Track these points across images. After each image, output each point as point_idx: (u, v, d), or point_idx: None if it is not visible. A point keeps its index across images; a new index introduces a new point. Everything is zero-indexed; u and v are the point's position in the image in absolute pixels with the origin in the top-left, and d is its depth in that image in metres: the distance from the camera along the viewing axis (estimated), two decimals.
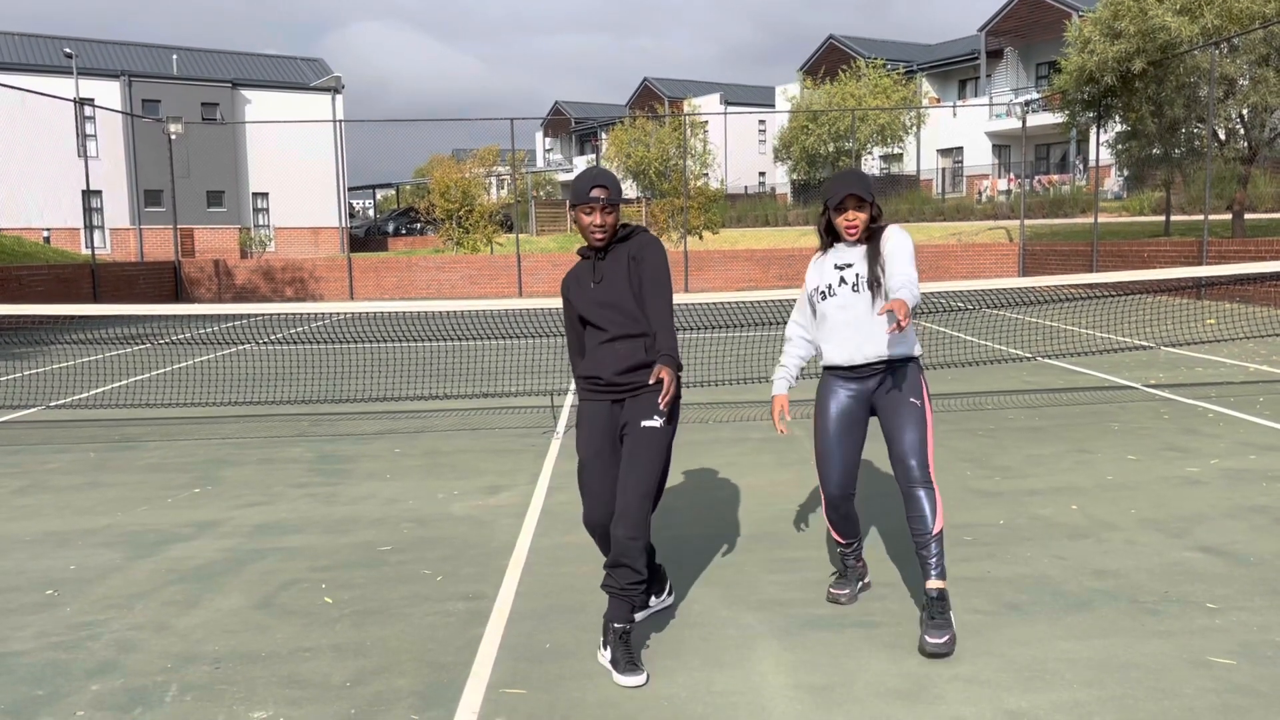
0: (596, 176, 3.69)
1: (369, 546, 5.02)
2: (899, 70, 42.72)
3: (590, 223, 3.68)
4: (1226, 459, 6.43)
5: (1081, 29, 21.63)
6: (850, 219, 3.82)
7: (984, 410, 8.36)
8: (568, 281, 3.87)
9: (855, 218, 3.82)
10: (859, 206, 3.81)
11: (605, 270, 3.73)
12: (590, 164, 54.52)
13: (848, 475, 3.95)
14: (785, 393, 4.09)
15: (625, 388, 3.69)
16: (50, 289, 20.61)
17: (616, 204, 3.69)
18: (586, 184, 3.68)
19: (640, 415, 3.64)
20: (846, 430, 3.92)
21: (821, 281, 3.94)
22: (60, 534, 5.37)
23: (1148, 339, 12.71)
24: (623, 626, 3.52)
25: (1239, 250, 17.95)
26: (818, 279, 3.98)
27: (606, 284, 3.72)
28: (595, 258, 3.76)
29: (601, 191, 3.64)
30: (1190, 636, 3.68)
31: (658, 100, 59.35)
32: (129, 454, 7.45)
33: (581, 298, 3.77)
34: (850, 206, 3.82)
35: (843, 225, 3.85)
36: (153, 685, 3.47)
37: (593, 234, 3.70)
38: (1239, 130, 20.56)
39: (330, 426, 8.41)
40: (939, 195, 43.87)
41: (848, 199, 3.81)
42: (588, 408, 3.78)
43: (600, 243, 3.72)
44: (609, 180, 3.69)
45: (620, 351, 3.68)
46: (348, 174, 29.70)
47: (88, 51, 41.45)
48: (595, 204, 3.65)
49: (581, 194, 3.68)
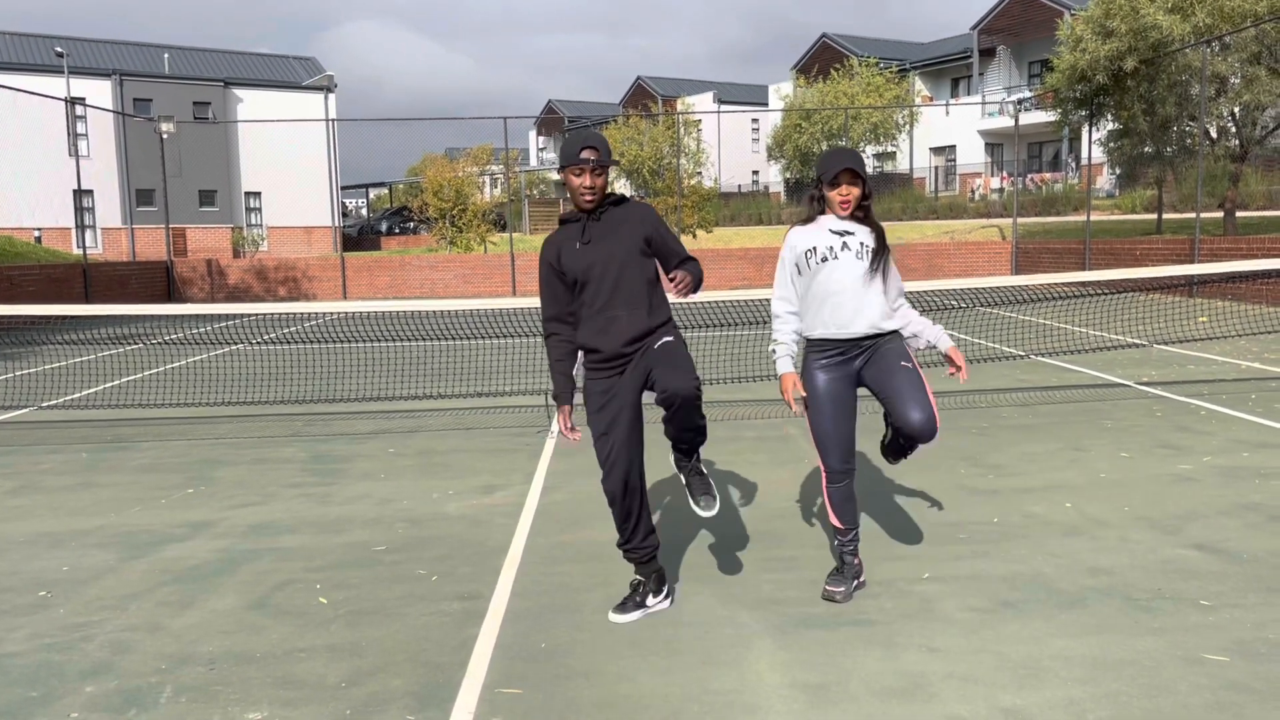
0: (587, 138, 3.68)
1: (363, 546, 5.02)
2: (892, 69, 42.76)
3: (580, 184, 3.68)
4: (1219, 456, 6.45)
5: (1073, 27, 21.69)
6: (844, 193, 3.90)
7: (977, 408, 8.37)
8: (551, 246, 3.79)
9: (849, 192, 3.90)
10: (853, 181, 3.89)
11: (596, 233, 3.72)
12: None
13: (848, 448, 4.01)
14: (792, 369, 4.08)
15: (629, 357, 3.73)
16: (42, 289, 20.53)
17: (606, 165, 3.68)
18: (576, 145, 3.67)
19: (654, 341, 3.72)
20: (840, 410, 3.98)
21: (819, 243, 3.93)
22: (53, 535, 5.35)
23: (1140, 337, 12.74)
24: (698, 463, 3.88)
25: (1231, 248, 18.00)
26: (810, 241, 3.95)
27: (599, 246, 3.70)
28: (586, 219, 3.74)
29: (591, 153, 3.65)
30: (1184, 633, 3.69)
31: (651, 99, 59.32)
32: (122, 454, 7.42)
33: (573, 259, 3.71)
34: (844, 181, 3.89)
35: (836, 199, 3.91)
36: (147, 686, 3.46)
37: (582, 195, 3.69)
38: (1230, 128, 20.63)
39: (324, 426, 8.39)
40: (932, 194, 43.93)
41: (842, 174, 3.88)
42: (598, 384, 3.76)
43: (589, 205, 3.70)
44: (599, 142, 3.68)
45: (623, 322, 3.70)
46: (341, 173, 29.61)
47: (79, 50, 41.30)
48: (585, 165, 3.65)
49: (571, 155, 3.67)
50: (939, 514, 5.32)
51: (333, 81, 44.40)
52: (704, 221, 32.72)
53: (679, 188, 30.44)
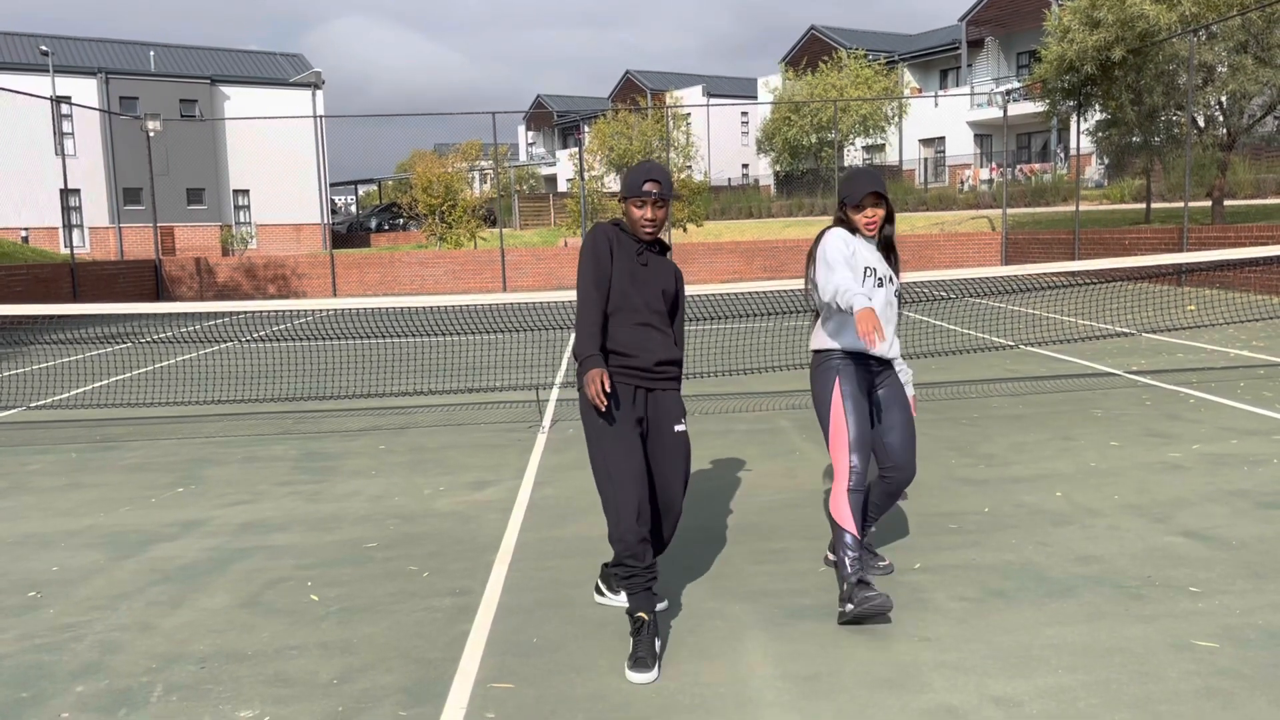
0: (650, 170, 3.71)
1: (355, 544, 5.01)
2: (880, 61, 42.77)
3: (641, 216, 3.70)
4: (1208, 444, 6.47)
5: (1061, 18, 21.72)
6: (870, 215, 3.96)
7: (968, 399, 8.39)
8: (609, 241, 3.71)
9: (875, 214, 3.97)
10: (877, 204, 3.96)
11: (650, 260, 3.78)
12: (573, 158, 54.32)
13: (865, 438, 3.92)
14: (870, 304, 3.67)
15: (658, 377, 3.76)
16: (29, 289, 20.43)
17: (668, 199, 3.73)
18: (640, 178, 3.70)
19: (669, 419, 3.77)
20: (866, 412, 3.98)
21: (875, 264, 4.00)
22: (42, 535, 5.33)
23: (1129, 326, 12.78)
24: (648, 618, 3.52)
25: (1218, 237, 18.07)
26: (866, 258, 3.98)
27: (652, 273, 3.77)
28: (640, 246, 3.77)
29: (654, 186, 3.68)
30: (1173, 620, 3.70)
31: (640, 93, 59.24)
32: (111, 454, 7.40)
33: (627, 269, 3.73)
34: (869, 204, 3.96)
35: (862, 222, 3.97)
36: (138, 686, 3.45)
37: (643, 227, 3.72)
38: (1218, 117, 20.69)
39: (314, 424, 8.37)
40: (921, 185, 43.97)
41: (868, 197, 3.95)
42: (623, 393, 3.70)
43: (649, 237, 3.75)
44: (662, 175, 3.71)
45: (657, 339, 3.75)
46: (329, 170, 29.53)
47: (64, 49, 41.06)
48: (648, 198, 3.67)
49: (635, 187, 3.69)
50: (930, 504, 5.33)
51: (320, 78, 44.23)
52: (694, 215, 32.72)
53: (673, 184, 30.37)
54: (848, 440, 3.88)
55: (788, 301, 17.95)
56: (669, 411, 3.77)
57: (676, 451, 3.78)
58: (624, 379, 3.72)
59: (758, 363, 10.60)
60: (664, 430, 3.76)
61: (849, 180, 4.00)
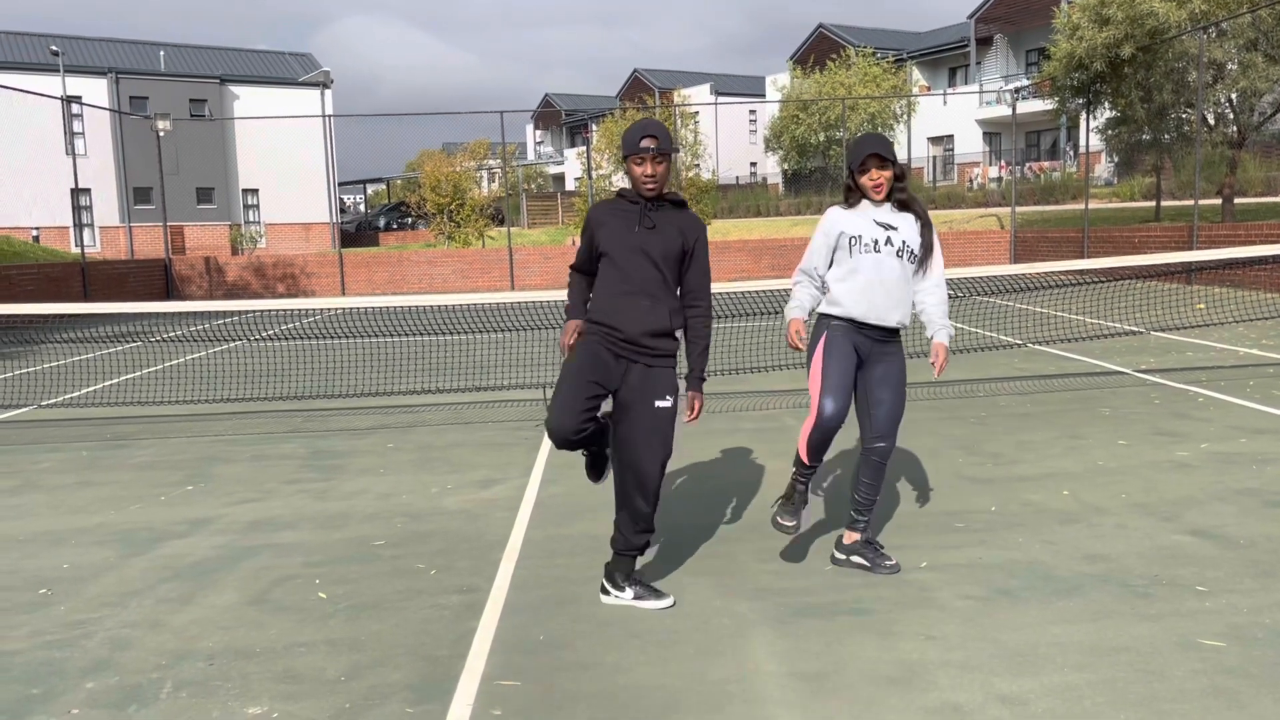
0: (646, 126, 3.73)
1: (363, 541, 5.03)
2: (889, 59, 42.68)
3: (642, 173, 3.74)
4: (1216, 443, 6.46)
5: (1070, 15, 21.64)
6: (874, 178, 3.97)
7: (975, 397, 8.38)
8: (600, 216, 3.82)
9: (879, 176, 3.97)
10: (881, 165, 3.97)
11: (656, 221, 3.77)
12: (581, 156, 54.31)
13: (846, 399, 4.02)
14: (802, 317, 4.10)
15: (642, 351, 3.74)
16: (40, 288, 20.53)
17: (668, 153, 3.73)
18: (637, 134, 3.73)
19: (653, 393, 3.75)
20: (850, 367, 4.03)
21: (865, 231, 4.00)
22: (53, 533, 5.36)
23: (1138, 324, 12.74)
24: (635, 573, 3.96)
25: (1229, 235, 18.00)
26: (858, 228, 4.02)
27: (650, 234, 3.75)
28: (643, 206, 3.77)
29: (652, 141, 3.71)
30: (1180, 619, 3.70)
31: (648, 91, 59.21)
32: (121, 452, 7.43)
33: (617, 239, 3.75)
34: (873, 166, 3.97)
35: (868, 185, 3.99)
36: (147, 682, 3.48)
37: (644, 184, 3.75)
38: (1228, 115, 20.60)
39: (323, 422, 8.40)
40: (930, 183, 43.86)
41: (869, 159, 3.96)
42: (593, 348, 3.76)
43: (652, 193, 3.76)
44: (659, 130, 3.74)
45: (644, 307, 3.73)
46: (338, 169, 29.59)
47: (74, 49, 41.20)
48: (647, 154, 3.70)
49: (633, 144, 3.73)
50: (936, 503, 5.33)
51: (329, 77, 44.31)
52: (702, 214, 32.68)
53: (676, 180, 30.39)
54: (820, 384, 4.01)
55: None
56: (654, 387, 3.75)
57: (654, 427, 3.75)
58: (604, 344, 3.77)
59: (765, 361, 10.60)
60: (646, 404, 3.75)
61: (853, 145, 4.03)
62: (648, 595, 3.97)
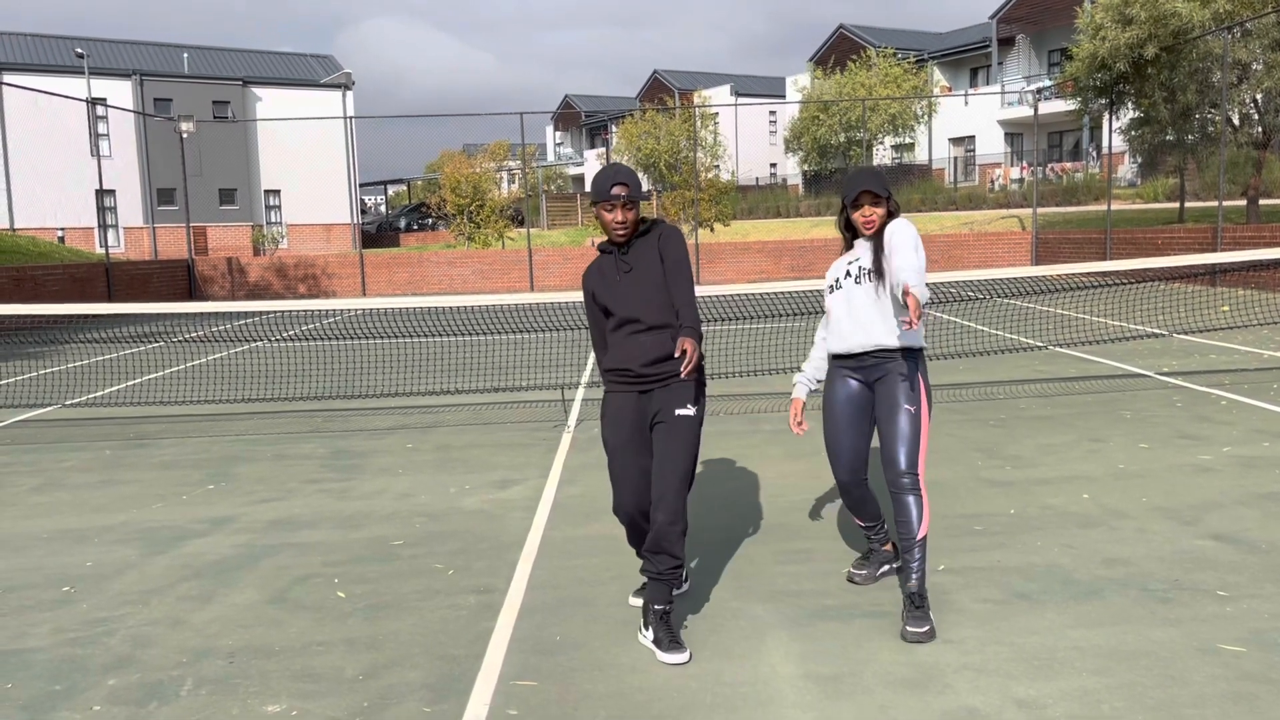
0: (616, 174, 3.74)
1: (381, 541, 5.06)
2: (910, 59, 42.51)
3: (612, 219, 3.74)
4: (1239, 446, 6.40)
5: (1093, 15, 21.49)
6: (867, 214, 3.94)
7: (996, 400, 8.34)
8: (590, 275, 3.90)
9: (871, 213, 3.93)
10: (874, 202, 3.94)
11: (632, 262, 3.79)
12: (601, 157, 54.39)
13: (857, 460, 4.05)
14: (803, 397, 4.22)
15: (653, 378, 3.75)
16: (65, 288, 20.74)
17: (637, 200, 3.76)
18: (607, 182, 3.73)
19: (672, 404, 3.73)
20: (853, 417, 4.02)
21: (837, 274, 4.07)
22: (77, 531, 5.42)
23: (1161, 327, 12.64)
24: (663, 608, 3.63)
25: (1253, 236, 17.82)
26: (833, 274, 4.10)
27: (635, 277, 3.77)
28: (618, 253, 3.80)
29: (622, 189, 3.71)
30: (1200, 624, 3.67)
31: (668, 92, 59.20)
32: (144, 451, 7.51)
33: (607, 291, 3.80)
34: (866, 203, 3.94)
35: (860, 221, 3.97)
36: (168, 680, 3.51)
37: (615, 230, 3.76)
38: (1253, 115, 20.40)
39: (343, 422, 8.45)
40: (951, 184, 43.64)
41: (863, 195, 3.93)
42: (615, 399, 3.82)
43: (622, 239, 3.79)
44: (629, 178, 3.74)
45: (647, 343, 3.74)
46: (359, 170, 29.75)
47: (99, 51, 41.62)
48: (617, 201, 3.71)
49: (603, 191, 3.73)
50: (955, 505, 5.31)
51: (350, 79, 44.58)
52: (721, 215, 32.66)
53: (696, 181, 30.39)
54: (828, 451, 4.10)
55: (815, 302, 17.89)
56: (671, 399, 3.75)
57: (672, 432, 3.70)
58: (618, 388, 3.82)
59: (784, 363, 10.58)
60: (667, 416, 3.75)
61: (847, 180, 4.01)
62: (665, 642, 3.58)
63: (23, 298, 18.96)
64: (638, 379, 3.76)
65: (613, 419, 3.83)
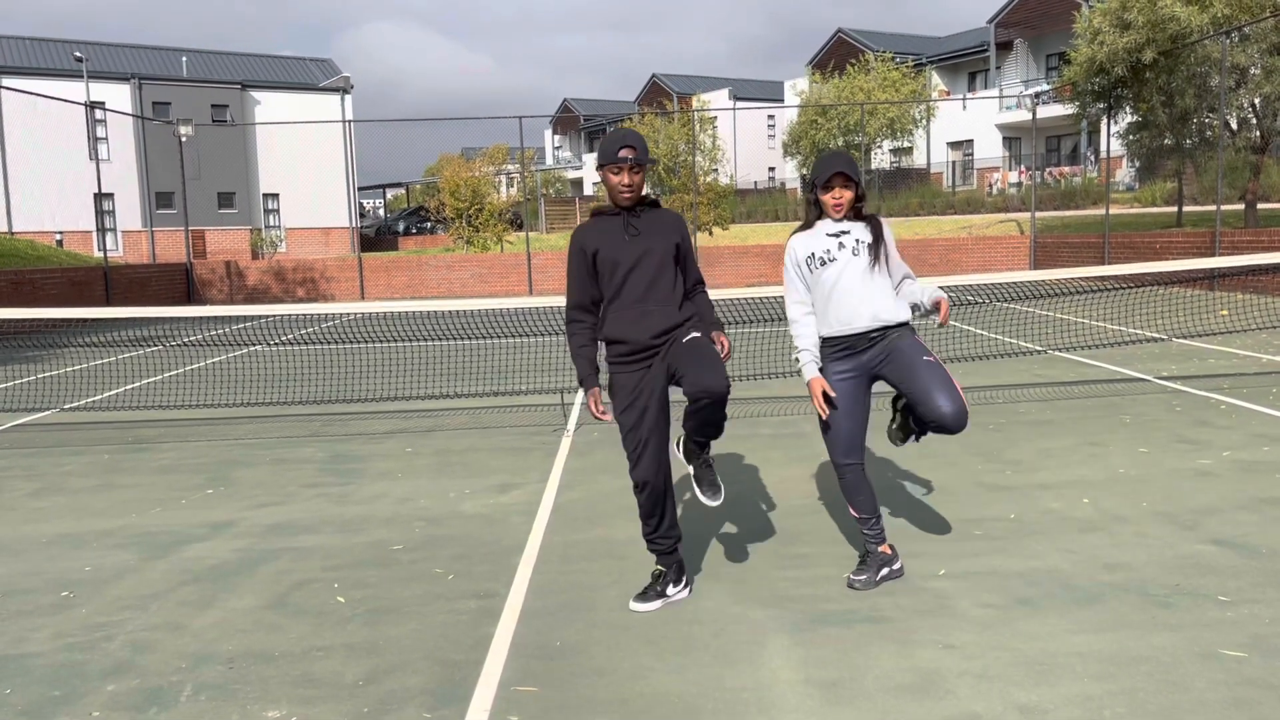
0: (624, 137, 3.77)
1: (381, 545, 5.05)
2: (908, 63, 42.54)
3: (618, 182, 3.77)
4: (1239, 451, 6.40)
5: (1091, 20, 21.53)
6: (837, 196, 4.04)
7: (995, 404, 8.34)
8: (587, 232, 3.85)
9: (842, 195, 4.04)
10: (845, 185, 4.03)
11: (640, 229, 3.81)
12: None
13: (854, 442, 4.13)
14: (819, 374, 4.17)
15: (660, 345, 3.81)
16: (63, 292, 20.73)
17: (644, 163, 3.77)
18: (615, 144, 3.76)
19: (682, 338, 3.80)
20: (849, 406, 4.09)
21: (817, 248, 4.08)
22: (75, 536, 5.41)
23: (1160, 331, 12.65)
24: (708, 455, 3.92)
25: (1252, 241, 17.84)
26: (811, 246, 4.10)
27: (644, 245, 3.80)
28: (626, 214, 3.80)
29: (629, 151, 3.75)
30: (1201, 629, 3.67)
31: (666, 96, 59.24)
32: (142, 455, 7.50)
33: (614, 249, 3.78)
34: (837, 184, 4.04)
35: (829, 202, 4.06)
36: (168, 685, 3.50)
37: (621, 193, 3.79)
38: (1251, 119, 20.43)
39: (342, 426, 8.45)
40: (949, 188, 43.70)
41: (835, 177, 4.03)
42: (625, 380, 3.83)
43: (628, 201, 3.80)
44: (636, 141, 3.77)
45: (655, 315, 3.79)
46: (358, 174, 29.75)
47: (98, 55, 41.63)
48: (624, 163, 3.73)
49: (610, 154, 3.76)
50: (955, 510, 5.31)
51: (349, 83, 44.60)
52: (720, 218, 32.68)
53: (695, 185, 30.41)
54: (825, 435, 4.15)
55: None
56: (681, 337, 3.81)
57: (691, 347, 3.74)
58: (627, 366, 3.80)
59: (783, 367, 10.57)
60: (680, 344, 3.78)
61: (820, 161, 4.10)
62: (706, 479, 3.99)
63: (21, 301, 18.94)
64: (644, 351, 3.78)
65: (627, 399, 3.82)
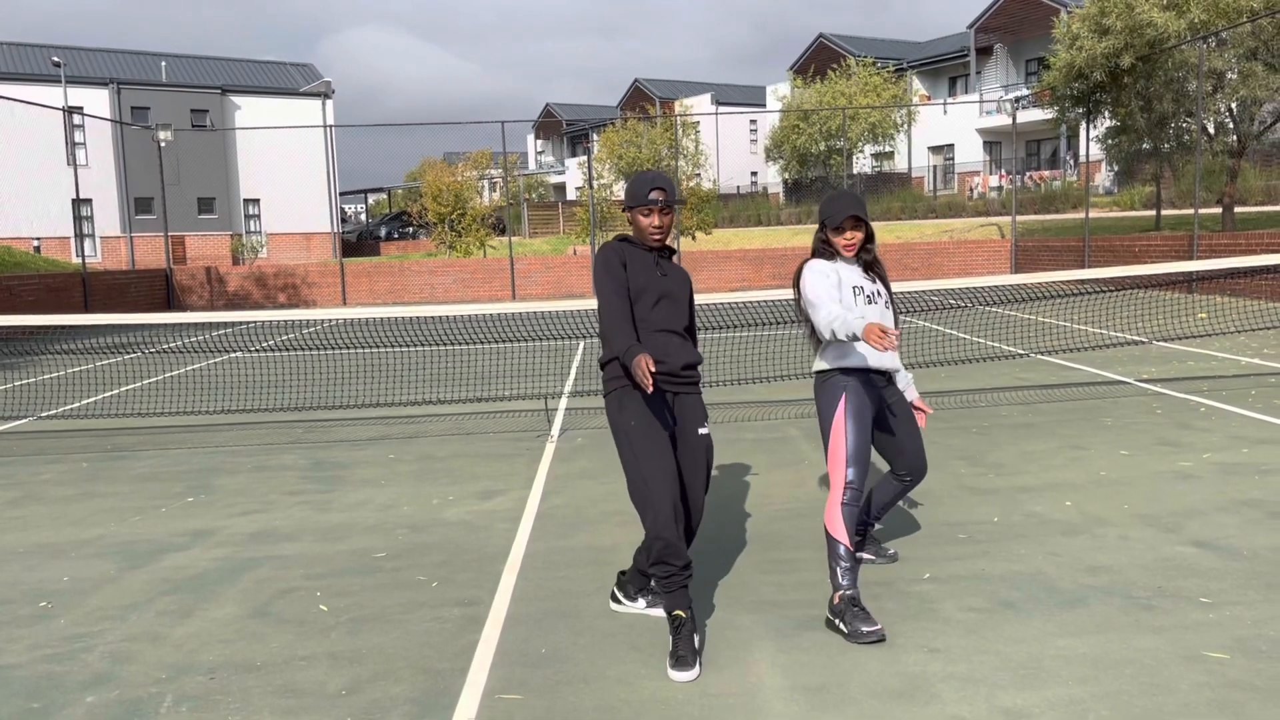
0: (654, 179, 3.80)
1: (364, 553, 5.02)
2: (889, 68, 42.75)
3: (649, 224, 3.80)
4: (1219, 453, 6.45)
5: (1069, 25, 21.70)
6: (850, 238, 4.09)
7: (977, 407, 8.37)
8: (622, 251, 3.78)
9: (854, 237, 4.09)
10: (856, 226, 4.08)
11: (667, 271, 3.87)
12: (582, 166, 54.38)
13: (868, 465, 4.10)
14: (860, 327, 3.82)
15: (682, 381, 3.83)
16: (41, 299, 20.55)
17: (673, 205, 3.79)
18: (645, 186, 3.78)
19: (694, 422, 3.84)
20: (868, 428, 4.09)
21: (861, 283, 4.13)
22: (53, 545, 5.35)
23: (1140, 334, 12.74)
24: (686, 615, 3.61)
25: (1229, 244, 18.00)
26: (851, 277, 4.12)
27: (671, 283, 3.85)
28: (656, 254, 3.86)
29: (660, 194, 3.77)
30: (1184, 631, 3.68)
31: (649, 101, 59.25)
32: (121, 464, 7.43)
33: (645, 280, 3.79)
34: (849, 227, 4.08)
35: (841, 244, 4.10)
36: (148, 696, 3.46)
37: (651, 235, 3.82)
38: (1228, 124, 20.63)
39: (324, 433, 8.40)
40: (930, 193, 43.93)
41: (847, 220, 4.06)
42: (653, 397, 3.75)
43: (657, 243, 3.84)
44: (666, 183, 3.80)
45: (677, 343, 3.82)
46: (339, 179, 29.63)
47: (76, 60, 41.34)
48: (654, 205, 3.75)
49: (640, 196, 3.77)
50: (939, 514, 5.32)
51: (330, 88, 44.44)
52: (703, 223, 32.74)
53: (680, 193, 30.42)
54: (845, 454, 3.95)
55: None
56: (693, 414, 3.85)
57: (700, 453, 3.84)
58: (656, 383, 3.80)
59: (766, 371, 10.59)
60: (688, 433, 3.84)
61: (830, 203, 4.11)
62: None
63: None
64: (671, 378, 3.80)
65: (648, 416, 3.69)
